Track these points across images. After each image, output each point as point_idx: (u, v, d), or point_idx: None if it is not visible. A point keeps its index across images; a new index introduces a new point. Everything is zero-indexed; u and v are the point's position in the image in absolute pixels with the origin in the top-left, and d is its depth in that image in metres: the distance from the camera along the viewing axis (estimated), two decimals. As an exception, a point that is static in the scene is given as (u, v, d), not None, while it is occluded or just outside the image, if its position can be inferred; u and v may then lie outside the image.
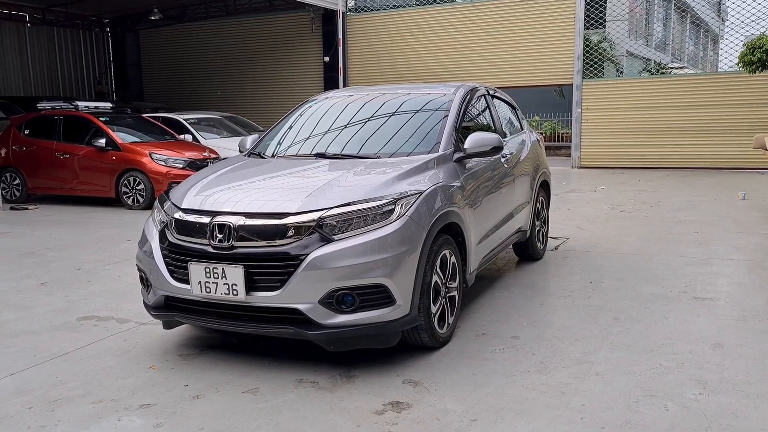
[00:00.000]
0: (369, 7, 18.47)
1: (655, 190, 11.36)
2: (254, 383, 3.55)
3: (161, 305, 3.88)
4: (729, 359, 3.75)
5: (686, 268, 5.86)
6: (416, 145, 4.51)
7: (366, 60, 17.87)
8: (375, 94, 5.29)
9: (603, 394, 3.33)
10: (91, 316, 4.82)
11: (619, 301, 4.94)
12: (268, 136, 5.19)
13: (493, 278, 5.66)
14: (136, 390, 3.51)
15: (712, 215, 8.63)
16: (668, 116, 14.80)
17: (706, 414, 3.09)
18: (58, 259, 6.85)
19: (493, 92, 5.85)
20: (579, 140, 15.76)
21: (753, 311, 4.62)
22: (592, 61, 15.81)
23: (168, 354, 4.03)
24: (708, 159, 14.39)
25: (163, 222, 3.96)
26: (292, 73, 18.82)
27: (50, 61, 20.15)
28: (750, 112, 14.00)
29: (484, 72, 16.05)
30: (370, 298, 3.51)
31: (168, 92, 20.61)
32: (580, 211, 9.24)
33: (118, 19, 21.14)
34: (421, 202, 3.76)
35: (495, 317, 4.60)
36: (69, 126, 11.16)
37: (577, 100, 15.67)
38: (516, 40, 16.21)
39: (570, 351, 3.93)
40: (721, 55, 21.87)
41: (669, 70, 22.18)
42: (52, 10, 19.30)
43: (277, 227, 3.54)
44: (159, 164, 10.38)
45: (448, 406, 3.24)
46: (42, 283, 5.84)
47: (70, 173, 10.99)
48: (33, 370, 3.81)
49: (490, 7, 16.53)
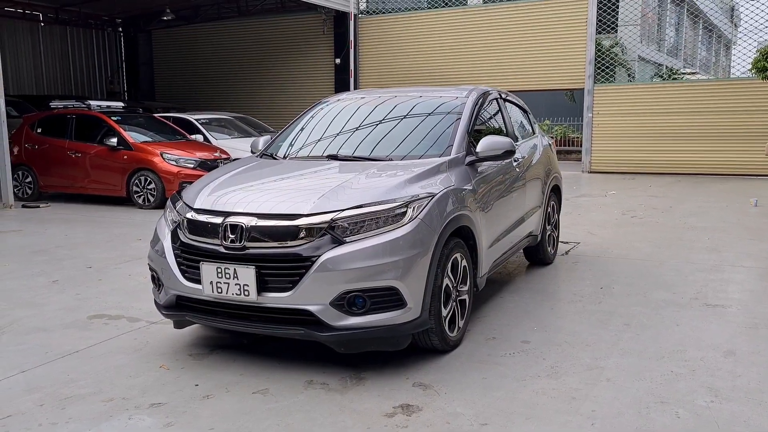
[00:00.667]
0: (381, 10, 18.50)
1: (666, 196, 11.31)
2: (264, 384, 3.56)
3: (172, 305, 3.89)
4: (741, 367, 3.73)
5: (697, 275, 5.82)
6: (428, 147, 4.50)
7: (377, 62, 17.88)
8: (387, 97, 5.29)
9: (614, 400, 3.31)
10: (102, 315, 4.84)
11: (630, 306, 4.91)
12: (280, 137, 5.21)
13: (503, 282, 5.64)
14: (147, 389, 3.53)
15: (723, 222, 8.58)
16: (680, 122, 14.73)
17: (717, 422, 3.07)
18: (69, 257, 6.89)
19: (505, 96, 5.84)
20: (590, 145, 15.70)
21: (765, 319, 4.59)
22: (604, 65, 15.76)
23: (178, 353, 4.04)
24: (719, 165, 14.31)
25: (176, 222, 3.97)
26: (303, 74, 18.85)
27: (63, 60, 20.28)
28: (762, 118, 13.90)
29: (496, 75, 16.03)
30: (381, 301, 3.51)
31: (179, 92, 20.69)
32: (590, 216, 9.20)
33: (131, 19, 21.27)
34: (433, 205, 3.76)
35: (505, 321, 4.59)
36: (81, 125, 11.23)
37: (589, 105, 15.61)
38: (528, 44, 16.18)
39: (580, 356, 3.92)
40: (734, 60, 21.88)
41: (681, 75, 22.12)
42: (65, 9, 19.46)
43: (289, 228, 3.54)
44: (170, 164, 10.43)
45: (458, 409, 3.23)
46: (53, 281, 5.88)
47: (81, 172, 11.06)
48: (44, 368, 3.84)
49: (502, 11, 16.52)
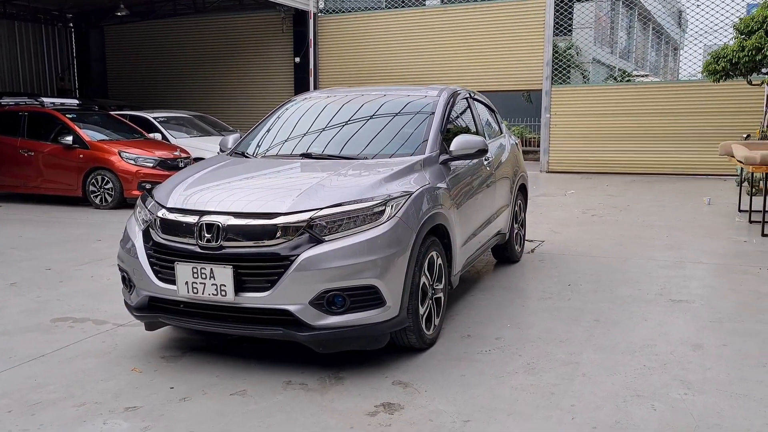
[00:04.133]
0: (340, 9, 18.43)
1: (623, 195, 11.57)
2: (242, 385, 3.50)
3: (145, 306, 3.79)
4: (710, 360, 3.83)
5: (660, 271, 5.97)
6: (401, 146, 4.50)
7: (337, 61, 17.80)
8: (355, 95, 5.28)
9: (591, 395, 3.37)
10: (67, 318, 4.69)
11: (598, 303, 5.01)
12: (250, 135, 5.13)
13: (473, 280, 5.68)
14: (120, 392, 3.43)
15: (679, 220, 8.82)
16: (633, 123, 15.09)
17: (692, 413, 3.15)
18: (25, 258, 6.66)
19: (474, 95, 5.89)
20: (548, 145, 15.95)
21: (727, 313, 4.74)
22: (560, 67, 16.04)
23: (150, 356, 3.94)
24: (672, 165, 14.71)
25: (147, 221, 3.88)
26: (262, 73, 18.63)
27: (11, 56, 19.57)
28: (712, 119, 14.35)
29: (456, 75, 16.13)
30: (361, 300, 3.50)
31: (133, 90, 20.20)
32: (552, 215, 9.35)
33: (82, 15, 20.66)
34: (410, 204, 3.76)
35: (478, 319, 4.62)
36: (34, 122, 10.86)
37: (546, 106, 15.87)
38: (487, 45, 16.34)
39: (555, 352, 3.97)
40: (682, 63, 22.54)
41: (633, 77, 22.67)
42: (13, 3, 18.77)
43: (266, 227, 3.50)
44: (129, 163, 10.17)
45: (439, 407, 3.24)
46: (11, 283, 5.67)
47: (34, 171, 10.70)
48: (9, 373, 3.70)
49: (461, 12, 16.65)
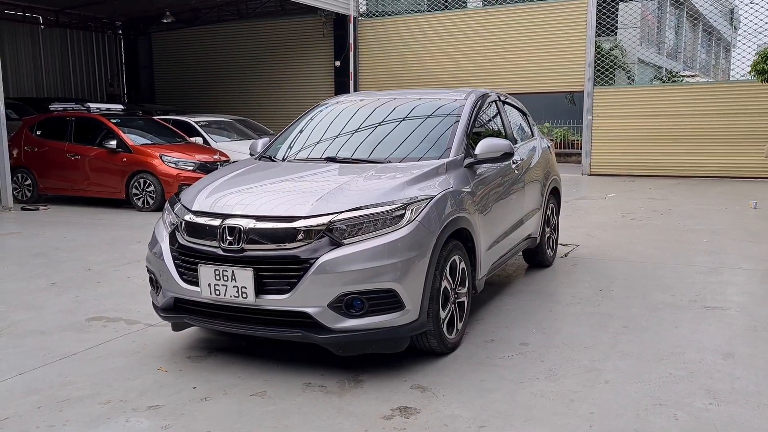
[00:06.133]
0: (380, 13, 18.51)
1: (666, 198, 11.31)
2: (262, 386, 3.55)
3: (170, 307, 3.89)
4: (740, 369, 3.72)
5: (696, 277, 5.82)
6: (427, 150, 4.50)
7: (377, 65, 17.88)
8: (385, 99, 5.30)
9: (612, 403, 3.30)
10: (101, 317, 4.84)
11: (629, 309, 4.91)
12: (279, 139, 5.21)
13: (502, 284, 5.64)
14: (145, 391, 3.52)
15: (722, 224, 8.58)
16: (679, 124, 14.73)
17: (716, 424, 3.06)
18: (68, 259, 6.89)
19: (504, 98, 5.84)
20: (590, 147, 15.70)
21: (764, 321, 4.58)
22: (604, 68, 15.76)
23: (176, 356, 4.04)
24: (719, 168, 14.31)
25: (174, 224, 3.97)
26: (303, 77, 18.86)
27: (63, 63, 20.29)
28: (761, 121, 13.90)
29: (495, 78, 16.02)
30: (380, 303, 3.51)
31: (179, 95, 20.69)
32: (590, 219, 9.20)
33: (131, 22, 21.29)
34: (431, 208, 3.76)
35: (504, 324, 4.59)
36: (80, 127, 11.23)
37: (588, 107, 15.61)
38: (527, 47, 16.17)
39: (579, 358, 3.91)
40: (734, 63, 21.88)
41: (681, 78, 22.13)
42: (65, 12, 19.47)
43: (287, 230, 3.54)
44: (169, 166, 10.43)
45: (456, 411, 3.23)
46: (52, 283, 5.88)
47: (80, 174, 11.07)
48: (42, 370, 3.83)
49: (502, 13, 16.52)
